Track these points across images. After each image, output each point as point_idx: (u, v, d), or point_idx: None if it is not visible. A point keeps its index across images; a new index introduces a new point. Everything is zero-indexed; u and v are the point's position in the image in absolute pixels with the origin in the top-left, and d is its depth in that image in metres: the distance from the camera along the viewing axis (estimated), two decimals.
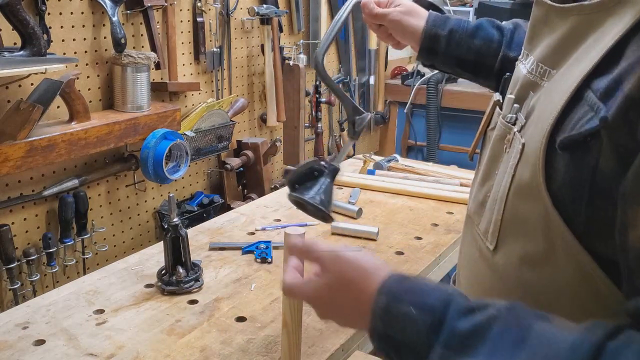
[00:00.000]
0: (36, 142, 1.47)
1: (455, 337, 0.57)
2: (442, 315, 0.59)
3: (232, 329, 1.14)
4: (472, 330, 0.57)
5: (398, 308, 0.62)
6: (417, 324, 0.60)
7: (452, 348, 0.57)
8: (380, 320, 0.63)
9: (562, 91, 0.62)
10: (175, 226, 1.26)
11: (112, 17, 1.68)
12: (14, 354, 1.04)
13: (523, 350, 0.53)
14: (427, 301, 0.61)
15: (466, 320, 0.58)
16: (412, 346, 0.60)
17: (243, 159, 2.28)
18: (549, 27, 0.72)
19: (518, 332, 0.55)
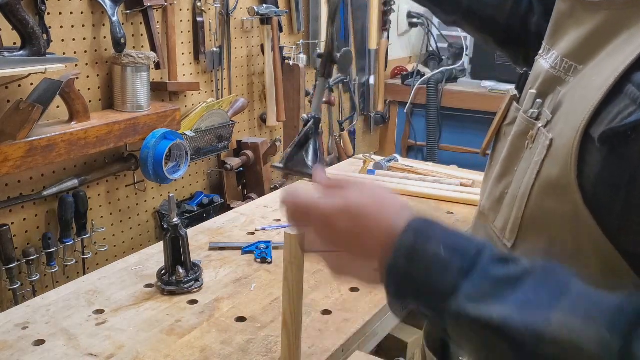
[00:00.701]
0: (36, 142, 1.47)
1: (487, 280, 0.54)
2: (474, 258, 0.55)
3: (232, 329, 1.14)
4: (506, 278, 0.54)
5: (426, 247, 0.57)
6: (446, 265, 0.56)
7: (481, 291, 0.53)
8: (404, 258, 0.58)
9: (597, 86, 0.60)
10: (175, 226, 1.26)
11: (112, 17, 1.68)
12: (13, 354, 1.04)
13: (560, 302, 0.51)
14: (458, 244, 0.57)
15: (500, 267, 0.55)
16: (435, 287, 0.56)
17: (243, 159, 2.28)
18: (575, 21, 0.70)
19: (555, 285, 0.53)
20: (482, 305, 0.53)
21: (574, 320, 0.50)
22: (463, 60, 3.26)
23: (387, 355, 1.70)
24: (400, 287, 0.60)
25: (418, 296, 0.59)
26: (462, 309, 0.54)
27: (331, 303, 1.24)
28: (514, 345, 0.51)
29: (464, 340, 0.57)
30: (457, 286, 0.55)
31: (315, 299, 1.25)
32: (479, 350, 0.56)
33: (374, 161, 2.14)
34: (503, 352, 0.53)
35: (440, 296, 0.56)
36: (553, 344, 0.50)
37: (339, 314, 1.20)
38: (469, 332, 0.55)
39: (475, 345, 0.56)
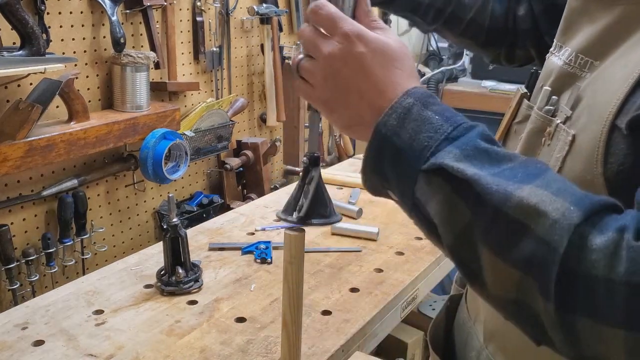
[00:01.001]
0: (35, 142, 1.46)
1: (470, 148, 0.54)
2: (464, 130, 0.55)
3: (231, 329, 1.14)
4: (489, 151, 0.54)
5: (420, 112, 0.57)
6: (436, 128, 0.56)
7: (462, 154, 0.53)
8: (396, 117, 0.58)
9: (620, 79, 0.60)
10: (174, 226, 1.25)
11: (112, 17, 1.68)
12: (13, 355, 1.04)
13: (535, 180, 0.51)
14: (453, 116, 0.57)
15: (486, 143, 0.55)
16: (418, 145, 0.56)
17: (243, 159, 2.28)
18: (589, 18, 0.70)
19: (534, 169, 0.53)
20: (459, 162, 0.53)
21: (543, 192, 0.50)
22: (463, 60, 3.26)
23: (387, 355, 1.70)
24: (382, 146, 0.59)
25: (397, 156, 0.57)
26: (439, 162, 0.54)
27: (331, 303, 1.24)
28: (478, 201, 0.51)
29: (430, 199, 0.56)
30: (439, 146, 0.55)
31: (315, 299, 1.25)
32: (441, 211, 0.55)
33: None
34: (463, 211, 0.53)
35: (420, 153, 0.55)
36: (518, 207, 0.50)
37: (339, 314, 1.20)
38: (437, 188, 0.54)
39: (439, 205, 0.55)
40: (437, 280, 1.50)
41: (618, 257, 0.45)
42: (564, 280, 0.47)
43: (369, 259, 1.44)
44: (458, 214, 0.53)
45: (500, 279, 0.51)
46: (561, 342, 0.49)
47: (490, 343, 0.78)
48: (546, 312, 0.48)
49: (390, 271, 1.38)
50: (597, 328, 0.46)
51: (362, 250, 1.48)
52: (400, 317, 1.33)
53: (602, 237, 0.47)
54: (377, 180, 0.61)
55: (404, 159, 0.57)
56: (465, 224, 0.53)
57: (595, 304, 0.46)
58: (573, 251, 0.47)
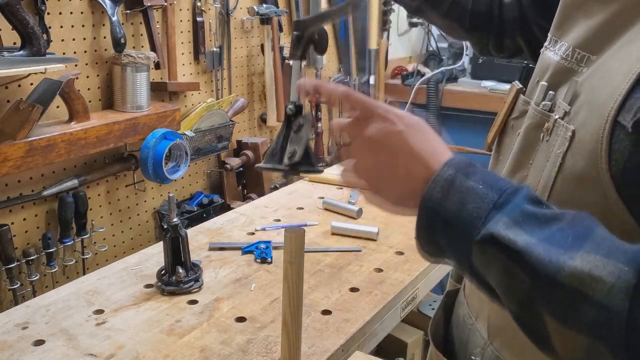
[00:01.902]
0: (35, 142, 1.46)
1: (519, 213, 0.55)
2: (509, 195, 0.56)
3: (231, 329, 1.14)
4: (537, 215, 0.55)
5: (463, 182, 0.59)
6: (482, 197, 0.57)
7: (512, 220, 0.54)
8: (440, 190, 0.59)
9: (620, 74, 0.60)
10: (175, 226, 1.25)
11: (112, 17, 1.68)
12: (13, 354, 1.04)
13: (585, 243, 0.52)
14: (496, 182, 0.58)
15: (533, 206, 0.56)
16: (467, 216, 0.57)
17: (243, 159, 2.28)
18: (585, 12, 0.70)
19: (582, 228, 0.53)
20: (510, 231, 0.54)
21: (595, 257, 0.50)
22: (463, 60, 3.26)
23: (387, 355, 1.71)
24: (432, 218, 0.60)
25: (448, 228, 0.59)
26: (491, 231, 0.55)
27: (331, 303, 1.24)
28: (534, 272, 0.52)
29: (487, 268, 0.57)
30: (489, 216, 0.56)
31: (315, 299, 1.25)
32: (500, 280, 0.56)
33: None
34: (523, 281, 0.53)
35: (471, 224, 0.57)
36: (572, 275, 0.50)
37: (339, 314, 1.20)
38: (493, 258, 0.55)
39: (498, 274, 0.56)
40: (437, 280, 1.50)
41: None
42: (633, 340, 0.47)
43: (368, 259, 1.44)
44: (517, 282, 0.54)
45: (568, 345, 0.52)
46: None
47: (496, 339, 0.78)
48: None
49: (390, 271, 1.38)
50: None
51: (362, 250, 1.48)
52: (400, 316, 1.34)
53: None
54: (433, 249, 0.64)
55: (455, 231, 0.58)
56: (526, 292, 0.54)
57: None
58: (635, 315, 0.47)
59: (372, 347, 1.28)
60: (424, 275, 1.42)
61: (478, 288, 0.61)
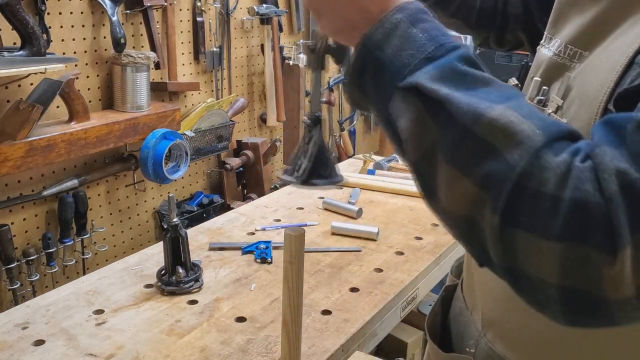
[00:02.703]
0: (36, 142, 1.47)
1: (449, 70, 0.54)
2: (446, 51, 0.55)
3: (231, 329, 1.14)
4: (467, 73, 0.54)
5: (407, 28, 0.57)
6: (419, 47, 0.55)
7: (440, 74, 0.54)
8: (382, 32, 0.57)
9: (609, 67, 0.61)
10: (175, 226, 1.25)
11: (112, 17, 1.68)
12: (13, 354, 1.04)
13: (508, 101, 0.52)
14: (439, 35, 0.56)
15: (466, 66, 0.55)
16: (398, 62, 0.56)
17: (243, 159, 2.28)
18: (578, 9, 0.71)
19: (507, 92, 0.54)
20: (434, 83, 0.53)
21: (513, 113, 0.51)
22: None
23: (387, 355, 1.71)
24: (366, 59, 0.58)
25: (378, 71, 0.57)
26: (415, 81, 0.54)
27: (331, 303, 1.24)
28: (449, 121, 0.52)
29: (401, 116, 0.56)
30: (419, 65, 0.55)
31: (315, 299, 1.25)
32: (410, 129, 0.55)
33: (374, 161, 2.14)
34: (431, 132, 0.53)
35: (399, 70, 0.55)
36: (487, 127, 0.50)
37: (339, 314, 1.20)
38: (410, 106, 0.55)
39: (409, 122, 0.55)
40: (437, 280, 1.50)
41: (567, 176, 0.47)
42: (514, 196, 0.48)
43: (368, 259, 1.44)
44: (426, 132, 0.54)
45: (456, 195, 0.53)
46: (498, 256, 0.51)
47: (489, 330, 0.79)
48: (491, 226, 0.50)
49: (390, 271, 1.38)
50: (536, 241, 0.48)
51: (362, 250, 1.48)
52: (400, 316, 1.34)
53: (556, 158, 0.48)
54: (357, 93, 0.61)
55: (383, 75, 0.57)
56: (432, 142, 0.54)
57: (538, 219, 0.48)
58: (528, 169, 0.48)
59: (372, 347, 1.28)
60: (424, 276, 1.42)
61: (389, 138, 0.61)
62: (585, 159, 0.48)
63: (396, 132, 0.58)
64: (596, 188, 0.46)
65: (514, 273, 0.51)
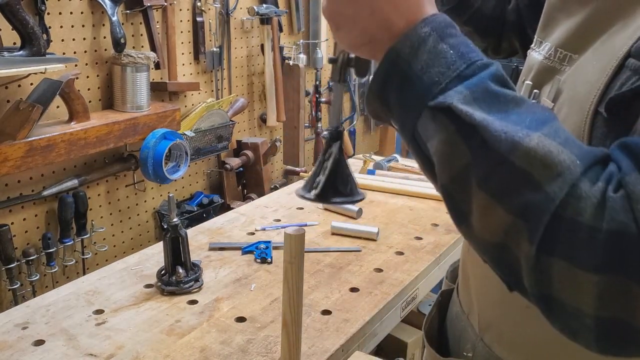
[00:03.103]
0: (35, 142, 1.47)
1: (481, 90, 0.53)
2: (477, 69, 0.54)
3: (231, 329, 1.14)
4: (499, 94, 0.53)
5: (436, 44, 0.55)
6: (449, 65, 0.54)
7: (471, 95, 0.52)
8: (410, 46, 0.55)
9: (600, 69, 0.61)
10: (175, 226, 1.25)
11: (112, 17, 1.68)
12: (13, 354, 1.04)
13: (544, 128, 0.51)
14: (469, 52, 0.55)
15: (498, 86, 0.54)
16: (427, 80, 0.54)
17: (243, 159, 2.28)
18: (567, 13, 0.72)
19: (543, 115, 0.53)
20: (467, 105, 0.52)
21: (552, 142, 0.50)
22: None
23: (387, 355, 1.71)
24: (391, 73, 0.56)
25: (404, 86, 0.56)
26: (447, 101, 0.52)
27: (331, 303, 1.24)
28: (484, 146, 0.51)
29: (432, 135, 0.55)
30: (450, 84, 0.53)
31: (315, 299, 1.25)
32: (441, 150, 0.54)
33: (374, 161, 2.14)
34: (463, 154, 0.52)
35: (429, 88, 0.54)
36: (525, 156, 0.50)
37: (339, 314, 1.20)
38: (441, 126, 0.53)
39: (439, 144, 0.54)
40: (437, 280, 1.50)
41: (603, 206, 0.47)
42: (551, 226, 0.48)
43: (368, 259, 1.44)
44: (458, 155, 0.53)
45: (490, 222, 0.52)
46: (533, 285, 0.50)
47: (486, 334, 0.79)
48: (527, 255, 0.49)
49: (390, 271, 1.38)
50: (573, 271, 0.48)
51: (362, 250, 1.48)
52: (400, 316, 1.34)
53: (592, 188, 0.48)
54: (380, 106, 0.60)
55: (410, 90, 0.55)
56: (464, 166, 0.53)
57: (575, 249, 0.47)
58: (565, 199, 0.48)
59: (372, 347, 1.28)
60: (424, 276, 1.42)
61: (413, 153, 0.60)
62: (619, 188, 0.48)
63: (424, 152, 0.57)
64: (631, 219, 0.46)
65: (548, 301, 0.51)
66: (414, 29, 0.56)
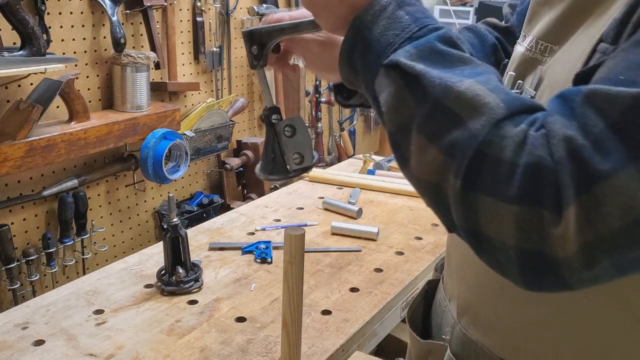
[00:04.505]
0: (35, 142, 1.47)
1: (428, 49, 0.58)
2: (427, 31, 0.59)
3: (231, 329, 1.14)
4: (444, 53, 0.58)
5: (395, 10, 0.61)
6: (402, 27, 0.60)
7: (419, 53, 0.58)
8: (372, 14, 0.62)
9: (575, 57, 0.65)
10: (174, 226, 1.25)
11: (112, 17, 1.68)
12: (13, 354, 1.04)
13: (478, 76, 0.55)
14: (423, 17, 0.61)
15: (444, 46, 0.59)
16: (384, 42, 0.60)
17: (243, 159, 2.28)
18: (548, 7, 0.75)
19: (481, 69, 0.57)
20: (413, 60, 0.57)
21: (481, 87, 0.54)
22: None
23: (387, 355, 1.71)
24: (356, 39, 0.62)
25: (365, 50, 0.61)
26: (396, 58, 0.58)
27: (331, 303, 1.24)
28: (423, 93, 0.56)
29: (383, 90, 0.60)
30: (402, 44, 0.59)
31: (315, 299, 1.25)
32: (390, 103, 0.59)
33: (374, 161, 2.14)
34: (409, 106, 0.57)
35: (385, 48, 0.60)
36: (456, 98, 0.54)
37: (339, 314, 1.20)
38: (391, 81, 0.59)
39: (389, 97, 0.59)
40: None
41: (523, 143, 0.51)
42: (475, 162, 0.52)
43: (368, 259, 1.44)
44: (404, 106, 0.58)
45: (425, 162, 0.56)
46: (461, 219, 0.54)
47: (463, 317, 0.81)
48: (454, 191, 0.53)
49: (390, 271, 1.38)
50: (495, 204, 0.51)
51: (362, 250, 1.48)
52: (400, 316, 1.34)
53: (515, 128, 0.52)
54: (349, 71, 0.65)
55: (370, 53, 0.61)
56: (408, 116, 0.57)
57: (497, 183, 0.51)
58: (488, 138, 0.52)
59: (372, 347, 1.28)
60: (424, 276, 1.42)
61: (375, 113, 0.65)
62: (540, 128, 0.51)
63: (379, 105, 0.62)
64: (547, 153, 0.49)
65: (477, 236, 0.54)
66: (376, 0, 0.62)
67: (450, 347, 0.81)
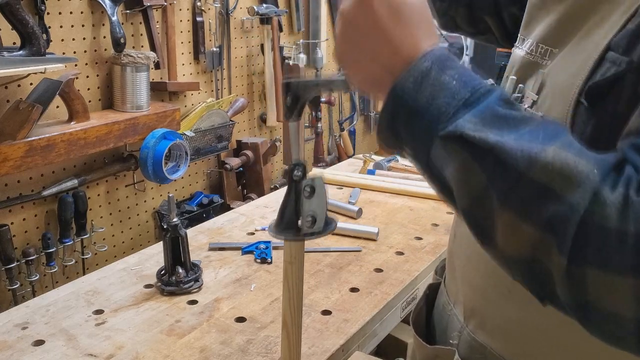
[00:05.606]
0: (35, 142, 1.46)
1: (489, 114, 0.54)
2: (482, 95, 0.55)
3: (231, 329, 1.14)
4: (508, 116, 0.54)
5: (439, 76, 0.57)
6: (453, 94, 0.56)
7: (481, 121, 0.54)
8: (413, 81, 0.57)
9: (580, 62, 0.63)
10: (174, 226, 1.25)
11: (112, 17, 1.68)
12: (13, 355, 1.04)
13: (557, 140, 0.52)
14: (472, 80, 0.57)
15: (505, 108, 0.55)
16: (434, 110, 0.56)
17: (243, 159, 2.28)
18: (546, 11, 0.74)
19: (554, 129, 0.54)
20: (478, 130, 0.53)
21: (567, 154, 0.51)
22: (463, 60, 3.27)
23: (387, 355, 1.70)
24: (398, 108, 0.58)
25: (412, 119, 0.57)
26: (458, 129, 0.54)
27: (331, 303, 1.24)
28: (500, 167, 0.52)
29: (446, 163, 0.56)
30: (457, 112, 0.55)
31: (315, 299, 1.25)
32: (457, 176, 0.56)
33: (374, 161, 2.14)
34: (480, 178, 0.54)
35: (437, 119, 0.55)
36: (544, 170, 0.51)
37: (339, 314, 1.20)
38: (454, 154, 0.55)
39: (455, 170, 0.55)
40: None
41: (627, 210, 0.48)
42: (580, 235, 0.49)
43: (368, 259, 1.44)
44: (475, 179, 0.54)
45: (516, 239, 0.53)
46: (568, 295, 0.51)
47: (470, 321, 0.80)
48: (559, 267, 0.50)
49: (390, 271, 1.38)
50: (607, 277, 0.48)
51: (362, 250, 1.48)
52: (400, 316, 1.34)
53: (615, 193, 0.49)
54: (392, 140, 0.61)
55: (419, 123, 0.57)
56: (482, 188, 0.54)
57: (607, 255, 0.48)
58: (589, 208, 0.49)
59: (372, 347, 1.28)
60: (424, 276, 1.42)
61: (429, 181, 0.61)
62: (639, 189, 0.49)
63: (439, 179, 0.58)
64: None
65: (585, 310, 0.51)
66: (415, 64, 0.58)
67: (458, 351, 0.80)
